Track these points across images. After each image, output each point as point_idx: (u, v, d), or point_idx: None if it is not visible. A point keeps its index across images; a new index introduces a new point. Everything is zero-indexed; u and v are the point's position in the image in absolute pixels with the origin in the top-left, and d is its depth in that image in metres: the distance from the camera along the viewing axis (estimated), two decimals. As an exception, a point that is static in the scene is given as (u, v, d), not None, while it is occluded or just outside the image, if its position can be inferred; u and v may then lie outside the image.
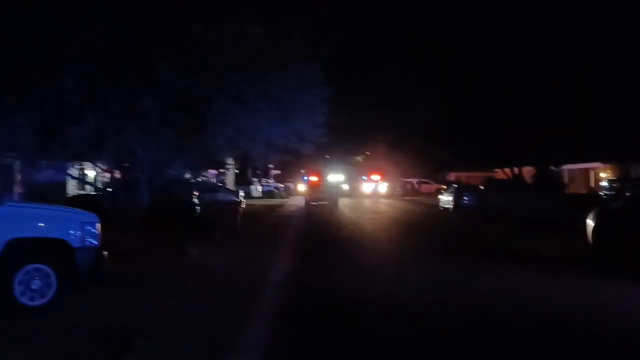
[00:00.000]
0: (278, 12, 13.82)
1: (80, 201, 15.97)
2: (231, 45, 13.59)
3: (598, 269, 11.84)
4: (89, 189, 19.88)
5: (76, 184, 21.82)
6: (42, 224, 8.10)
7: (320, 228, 22.89)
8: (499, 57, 33.38)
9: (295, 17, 13.90)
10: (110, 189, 15.89)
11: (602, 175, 39.97)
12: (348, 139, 54.21)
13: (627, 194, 14.58)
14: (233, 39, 13.68)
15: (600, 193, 31.69)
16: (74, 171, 16.37)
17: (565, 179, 44.28)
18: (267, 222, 25.26)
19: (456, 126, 37.91)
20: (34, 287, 7.67)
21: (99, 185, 17.30)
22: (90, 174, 19.20)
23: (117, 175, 15.11)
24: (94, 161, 15.33)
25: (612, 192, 29.59)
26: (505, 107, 33.11)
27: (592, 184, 42.04)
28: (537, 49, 31.73)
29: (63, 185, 20.85)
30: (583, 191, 40.19)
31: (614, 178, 36.02)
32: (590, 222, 13.08)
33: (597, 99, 30.52)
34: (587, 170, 43.56)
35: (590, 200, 27.71)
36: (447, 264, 13.18)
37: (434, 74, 38.86)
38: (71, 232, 8.16)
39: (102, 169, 15.70)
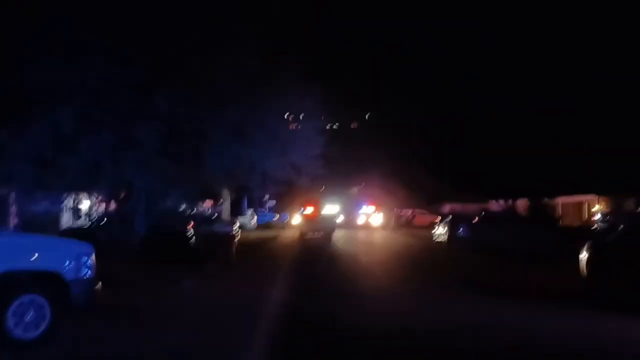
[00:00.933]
0: (275, 46, 14.05)
1: (75, 232, 15.96)
2: (228, 78, 13.79)
3: (592, 302, 11.82)
4: (83, 220, 19.87)
5: (71, 215, 21.81)
6: (37, 255, 8.08)
7: (315, 260, 22.80)
8: (493, 90, 33.78)
9: (292, 51, 14.13)
10: (105, 220, 15.89)
11: (595, 207, 40.12)
12: (343, 170, 54.39)
13: (621, 226, 14.58)
14: (230, 71, 13.89)
15: (594, 226, 31.78)
16: (69, 202, 16.40)
17: (559, 211, 44.43)
18: (262, 253, 25.17)
19: (452, 158, 38.16)
20: (28, 318, 7.63)
21: (94, 216, 17.30)
22: (85, 204, 19.22)
23: (112, 206, 15.13)
24: (89, 192, 15.38)
25: (605, 225, 29.70)
26: (501, 139, 33.41)
27: (586, 216, 42.16)
28: (531, 85, 32.16)
29: (58, 215, 20.83)
30: (576, 223, 40.29)
31: (607, 210, 36.17)
32: (584, 256, 13.09)
33: (590, 133, 30.84)
34: (580, 203, 43.72)
35: (584, 232, 27.79)
36: (442, 298, 13.11)
37: (430, 106, 39.29)
38: (66, 263, 8.15)
39: (97, 200, 15.74)
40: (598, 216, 34.90)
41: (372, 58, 56.44)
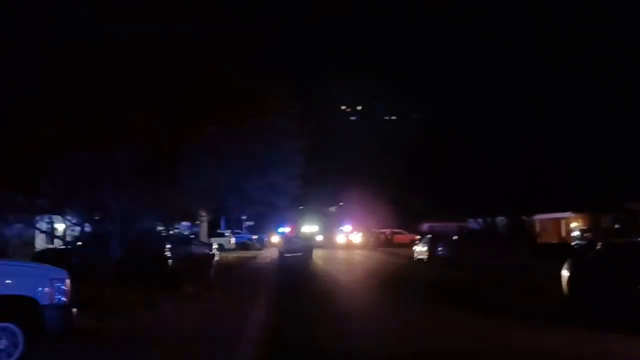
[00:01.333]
0: (254, 68, 13.97)
1: (49, 255, 15.61)
2: (206, 99, 13.68)
3: (574, 320, 11.81)
4: (58, 243, 19.46)
5: (45, 238, 21.35)
6: (10, 281, 7.84)
7: (294, 281, 22.61)
8: (472, 111, 34.08)
9: (270, 72, 14.06)
10: (80, 243, 15.58)
11: (573, 225, 40.47)
12: (322, 190, 54.37)
13: (599, 243, 14.65)
14: (208, 93, 13.79)
15: (572, 243, 32.04)
16: (42, 225, 16.05)
17: (537, 228, 44.75)
18: (241, 274, 24.89)
19: (430, 177, 38.30)
20: (0, 346, 7.38)
21: (69, 238, 16.95)
22: (60, 227, 18.85)
23: (87, 228, 14.83)
24: (64, 215, 15.06)
25: (583, 242, 29.95)
26: (479, 159, 33.64)
27: (564, 233, 42.48)
28: (508, 106, 32.48)
29: (32, 239, 20.39)
30: (555, 241, 40.59)
31: (585, 228, 36.50)
32: (565, 273, 13.11)
33: (567, 152, 31.18)
34: (558, 220, 44.07)
35: (562, 249, 27.97)
36: (422, 317, 13.03)
37: (407, 125, 39.49)
38: (39, 289, 7.90)
39: (72, 223, 15.42)
40: (576, 233, 35.20)
41: (351, 76, 56.70)
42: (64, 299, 8.11)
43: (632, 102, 28.98)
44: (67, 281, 8.25)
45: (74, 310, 8.40)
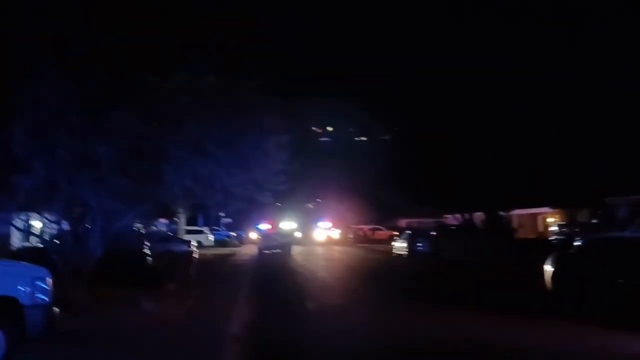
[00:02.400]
0: (235, 61, 13.82)
1: (26, 254, 15.29)
2: (187, 93, 13.49)
3: (557, 314, 11.90)
4: (35, 241, 19.09)
5: (21, 236, 20.92)
6: (-11, 280, 7.64)
7: (274, 277, 22.53)
8: (449, 108, 34.25)
9: (252, 66, 13.92)
10: (58, 241, 15.28)
11: (550, 220, 40.95)
12: (300, 186, 54.27)
13: (577, 238, 14.79)
14: (189, 87, 13.60)
15: (551, 238, 32.42)
16: (19, 222, 15.69)
17: (515, 223, 45.25)
18: (221, 271, 24.74)
19: (408, 173, 38.44)
20: (-20, 348, 7.19)
21: (46, 237, 16.62)
22: (37, 225, 18.47)
23: (65, 226, 14.53)
24: (41, 212, 14.74)
25: (561, 237, 30.31)
26: (456, 155, 33.83)
27: (541, 228, 42.98)
28: (486, 102, 32.70)
29: (7, 237, 19.97)
30: (532, 236, 41.05)
31: (563, 223, 36.95)
32: (548, 268, 13.19)
33: (545, 148, 31.48)
34: (535, 215, 44.57)
35: (540, 244, 28.29)
36: (405, 312, 13.05)
37: (387, 122, 39.54)
38: (20, 288, 7.71)
39: (50, 220, 15.10)
40: (554, 228, 35.60)
41: (332, 74, 56.77)
42: (45, 298, 7.93)
43: (610, 97, 29.32)
44: (49, 280, 8.08)
45: (56, 309, 8.23)
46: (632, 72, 27.11)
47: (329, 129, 72.28)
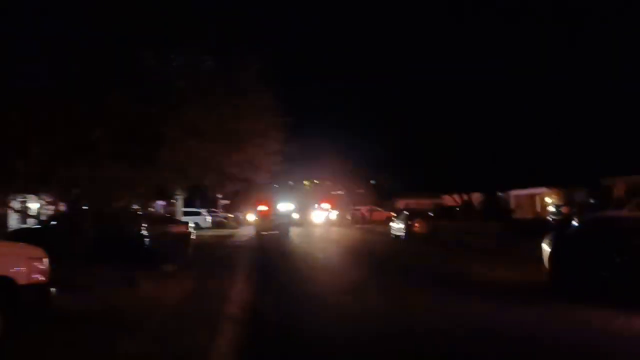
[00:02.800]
0: (232, 43, 13.71)
1: (23, 235, 15.29)
2: (183, 76, 13.41)
3: (556, 294, 11.93)
4: (31, 222, 19.10)
5: (18, 217, 20.93)
6: (-15, 260, 7.61)
7: (272, 258, 22.54)
8: (447, 89, 34.15)
9: (249, 47, 13.80)
10: (54, 222, 15.27)
11: (548, 200, 40.96)
12: (297, 167, 54.22)
13: (575, 217, 14.79)
14: (185, 69, 13.51)
15: (548, 217, 32.45)
16: (15, 204, 15.68)
17: (512, 204, 45.28)
18: (218, 253, 24.73)
19: (406, 154, 38.39)
20: (-24, 328, 7.18)
21: (43, 218, 16.62)
22: (33, 206, 18.48)
23: (62, 207, 14.53)
24: (38, 194, 14.72)
25: (559, 217, 30.35)
26: (454, 136, 33.79)
27: (539, 208, 43.00)
28: (483, 83, 32.63)
29: (4, 218, 19.98)
30: (530, 216, 41.08)
31: (560, 203, 36.98)
32: (546, 248, 13.19)
33: (542, 127, 31.46)
34: (532, 196, 44.58)
35: (538, 225, 28.32)
36: (402, 295, 13.04)
37: (385, 104, 39.42)
38: (17, 268, 7.69)
39: (46, 202, 15.09)
40: (552, 208, 35.61)
41: (327, 55, 56.57)
42: (42, 278, 7.92)
43: (606, 79, 29.27)
44: (45, 260, 8.06)
45: (53, 290, 8.22)
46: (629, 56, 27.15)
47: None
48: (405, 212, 35.39)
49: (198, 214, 48.60)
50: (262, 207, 43.43)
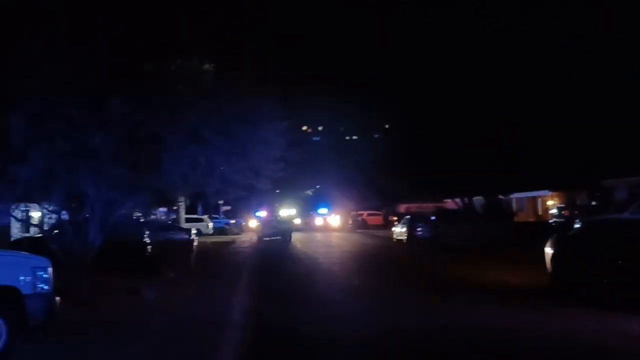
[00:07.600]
0: (233, 48, 13.72)
1: (26, 244, 15.30)
2: (184, 81, 13.41)
3: (559, 297, 11.93)
4: (34, 231, 19.08)
5: (20, 226, 20.90)
6: (-10, 270, 7.61)
7: (274, 264, 22.56)
8: (447, 91, 34.13)
9: (250, 52, 13.80)
10: (57, 231, 15.26)
11: (549, 203, 40.96)
12: (299, 173, 54.26)
13: (577, 220, 14.80)
14: (186, 75, 13.51)
15: (550, 221, 32.47)
16: (18, 213, 15.66)
17: (514, 207, 45.31)
18: (221, 259, 24.77)
19: (408, 159, 38.38)
20: (-19, 339, 7.17)
21: (45, 227, 16.60)
22: (36, 215, 18.46)
23: (65, 216, 14.51)
24: (40, 202, 14.70)
25: (561, 220, 30.36)
26: (455, 139, 33.76)
27: (540, 211, 43.01)
28: (484, 86, 32.61)
29: (7, 227, 19.95)
30: (531, 219, 41.11)
31: (562, 205, 36.99)
32: (549, 250, 13.20)
33: (543, 131, 31.45)
34: (534, 199, 44.60)
35: (540, 228, 28.34)
36: (409, 299, 13.04)
37: (387, 108, 39.39)
38: (21, 278, 7.68)
39: (49, 210, 15.07)
40: (554, 211, 35.61)
41: (330, 59, 56.70)
42: (46, 287, 7.91)
43: (604, 80, 29.28)
44: (50, 269, 8.05)
45: (57, 299, 8.22)
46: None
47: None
48: (408, 217, 35.42)
49: (200, 220, 48.62)
50: (264, 213, 43.53)
